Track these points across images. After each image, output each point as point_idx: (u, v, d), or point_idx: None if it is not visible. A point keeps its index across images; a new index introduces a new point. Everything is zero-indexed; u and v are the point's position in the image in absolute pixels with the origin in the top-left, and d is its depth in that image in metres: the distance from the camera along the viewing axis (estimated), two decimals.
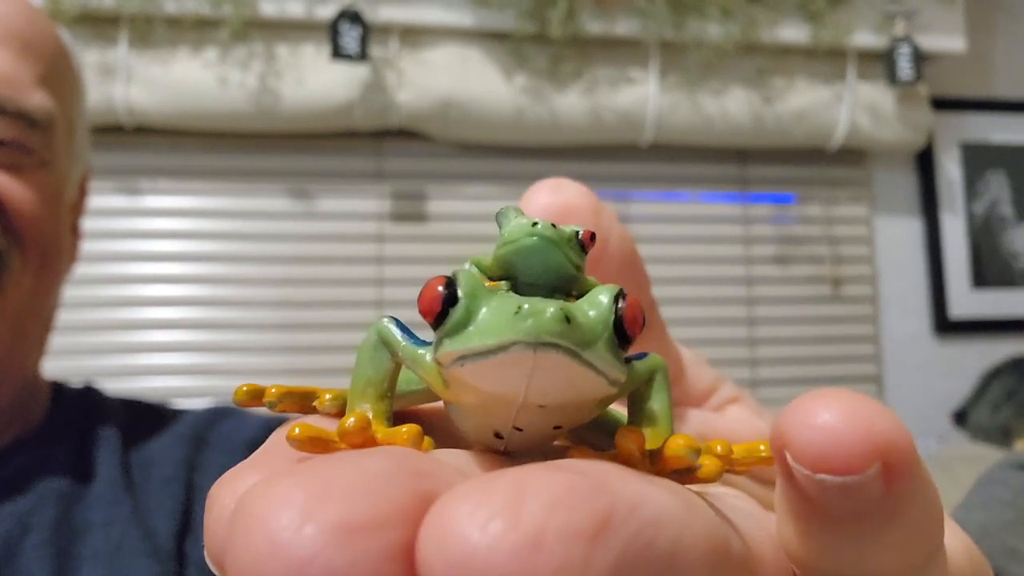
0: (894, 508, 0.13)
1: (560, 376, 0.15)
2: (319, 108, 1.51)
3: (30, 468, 0.55)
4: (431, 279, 0.16)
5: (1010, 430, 1.51)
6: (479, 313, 0.15)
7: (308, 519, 0.11)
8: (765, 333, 1.73)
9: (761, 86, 1.65)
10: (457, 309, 0.15)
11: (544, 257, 0.17)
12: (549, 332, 0.14)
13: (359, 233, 1.62)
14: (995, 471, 0.80)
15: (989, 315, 1.82)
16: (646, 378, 0.18)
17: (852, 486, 0.13)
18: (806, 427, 0.13)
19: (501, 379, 0.15)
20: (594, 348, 0.15)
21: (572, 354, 0.14)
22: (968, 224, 1.83)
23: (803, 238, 1.77)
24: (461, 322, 0.15)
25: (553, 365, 0.14)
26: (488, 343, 0.14)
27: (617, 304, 0.16)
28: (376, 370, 0.18)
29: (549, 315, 0.14)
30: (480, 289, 0.16)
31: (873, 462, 0.13)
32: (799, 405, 0.13)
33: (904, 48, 1.62)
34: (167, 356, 1.54)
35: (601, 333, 0.15)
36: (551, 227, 0.17)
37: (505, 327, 0.14)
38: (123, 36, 1.46)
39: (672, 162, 1.72)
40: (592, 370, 0.15)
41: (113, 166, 1.55)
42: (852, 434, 0.13)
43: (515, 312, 0.14)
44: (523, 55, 1.56)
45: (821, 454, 0.13)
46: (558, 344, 0.14)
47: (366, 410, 0.17)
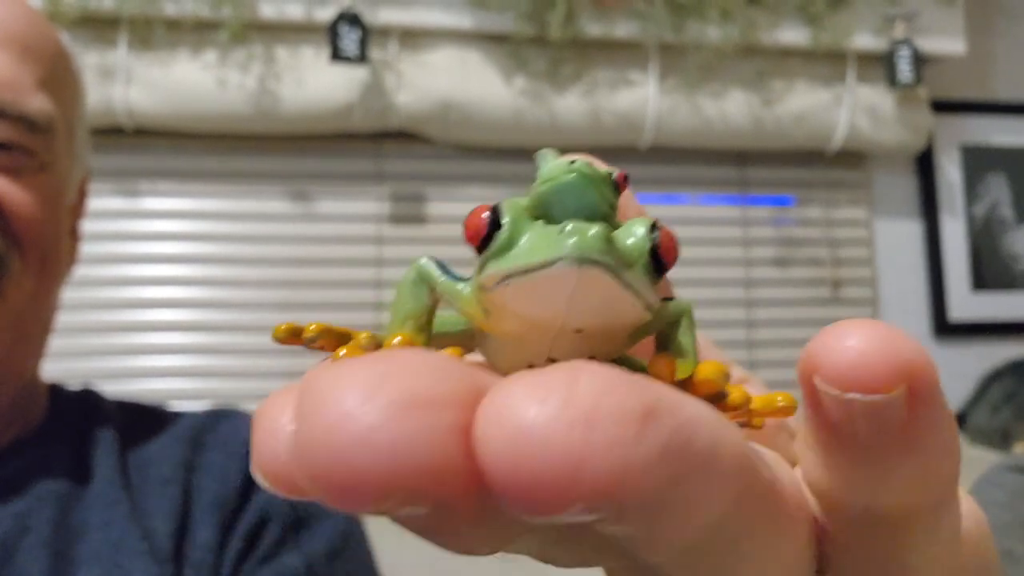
0: (916, 434, 0.14)
1: (600, 295, 0.15)
2: (318, 110, 1.51)
3: (28, 469, 0.55)
4: (475, 208, 0.17)
5: (1009, 433, 1.51)
6: (523, 236, 0.16)
7: (374, 394, 0.11)
8: (764, 335, 1.73)
9: (761, 88, 1.65)
10: (502, 232, 0.16)
11: (581, 194, 0.17)
12: (593, 249, 0.15)
13: (358, 235, 1.62)
14: (991, 474, 0.80)
15: (989, 318, 1.82)
16: (674, 319, 0.18)
17: (879, 406, 0.13)
18: (836, 349, 0.14)
19: (543, 298, 0.15)
20: (633, 270, 0.16)
21: (613, 273, 0.15)
22: (968, 227, 1.83)
23: (803, 240, 1.77)
24: (506, 244, 0.16)
25: (595, 283, 0.15)
26: (533, 260, 0.15)
27: (652, 233, 0.17)
28: (416, 304, 0.18)
29: (592, 234, 0.15)
30: (523, 215, 0.16)
31: (899, 383, 0.13)
32: (829, 331, 0.14)
33: (904, 50, 1.62)
34: (166, 358, 1.54)
35: (638, 259, 0.16)
36: (588, 165, 0.17)
37: (550, 245, 0.15)
38: (123, 38, 1.46)
39: (671, 164, 1.72)
40: (630, 291, 0.15)
41: (112, 168, 1.55)
42: (881, 355, 0.13)
43: (559, 232, 0.15)
44: (522, 57, 1.56)
45: (851, 373, 0.13)
46: (600, 262, 0.15)
47: None
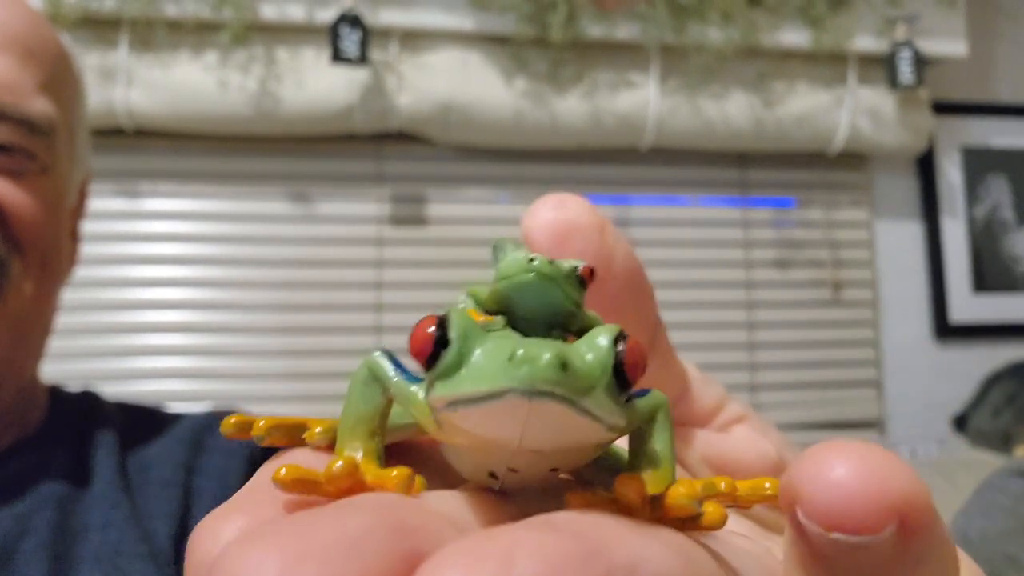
0: (907, 567, 0.13)
1: (556, 424, 0.14)
2: (319, 111, 1.51)
3: (28, 471, 0.55)
4: (422, 319, 0.15)
5: (1010, 435, 1.51)
6: (472, 356, 0.15)
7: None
8: (765, 337, 1.73)
9: (762, 90, 1.65)
10: (449, 352, 0.15)
11: (541, 294, 0.16)
12: (545, 380, 0.14)
13: (358, 236, 1.62)
14: (995, 478, 0.80)
15: (990, 320, 1.82)
16: (648, 417, 0.17)
17: (866, 546, 0.12)
18: (819, 483, 0.13)
19: (495, 426, 0.14)
20: (592, 395, 0.14)
21: (569, 402, 0.14)
22: (969, 228, 1.83)
23: (803, 242, 1.77)
24: (453, 365, 0.15)
25: (549, 414, 0.14)
26: (481, 389, 0.14)
27: (617, 347, 0.15)
28: (367, 406, 0.17)
29: (545, 362, 0.14)
30: (473, 330, 0.15)
31: (890, 522, 0.12)
32: (811, 458, 0.13)
33: (905, 52, 1.62)
34: (166, 359, 1.54)
35: (600, 378, 0.15)
36: (548, 264, 0.16)
37: (499, 373, 0.14)
38: (124, 39, 1.46)
39: (672, 166, 1.72)
40: (589, 417, 0.14)
41: (113, 169, 1.55)
42: (868, 493, 0.12)
43: (509, 357, 0.14)
44: (523, 59, 1.56)
45: (835, 512, 0.12)
46: (553, 393, 0.14)
47: (356, 449, 0.17)
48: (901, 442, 1.75)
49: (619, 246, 0.21)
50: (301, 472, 0.15)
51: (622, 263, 0.21)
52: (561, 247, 0.20)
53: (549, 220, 0.21)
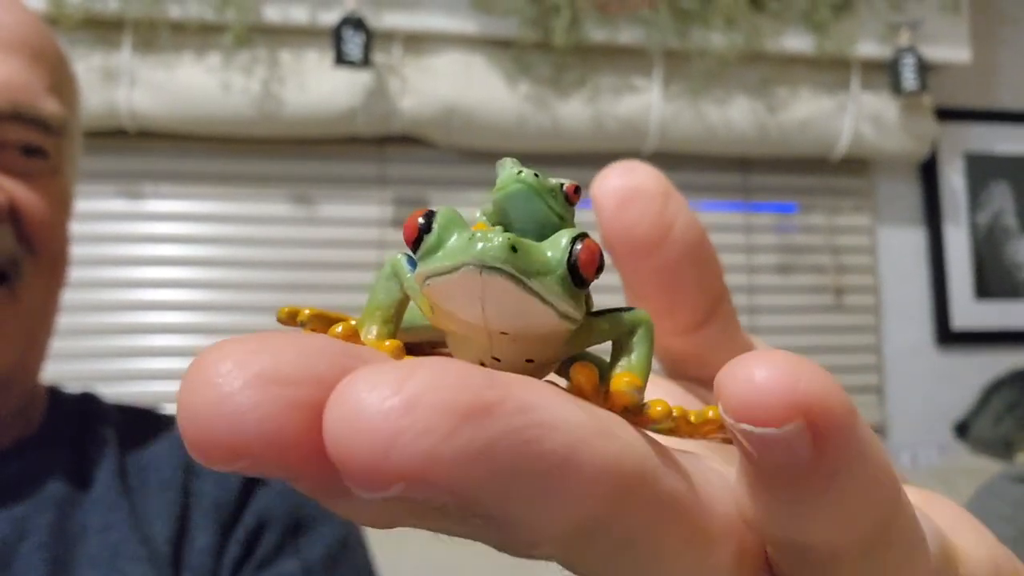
0: (827, 472, 0.13)
1: (507, 300, 0.16)
2: (322, 114, 1.51)
3: (27, 473, 0.55)
4: (416, 211, 0.17)
5: (1012, 442, 1.51)
6: (447, 242, 0.17)
7: (237, 368, 0.13)
8: (767, 342, 1.72)
9: (765, 95, 1.65)
10: (429, 236, 0.17)
11: (527, 204, 0.18)
12: (493, 257, 0.15)
13: (361, 239, 1.62)
14: (993, 484, 0.80)
15: (992, 326, 1.82)
16: (628, 329, 0.18)
17: (773, 440, 0.13)
18: (735, 379, 0.13)
19: (458, 299, 0.16)
20: (542, 279, 0.16)
21: (515, 280, 0.16)
22: (971, 235, 1.83)
23: (805, 247, 1.77)
24: (431, 248, 0.17)
25: (499, 288, 0.16)
26: (445, 264, 0.16)
27: (575, 245, 0.17)
28: (386, 296, 0.19)
29: (496, 242, 0.16)
30: (455, 222, 0.17)
31: (793, 417, 0.13)
32: (736, 361, 0.14)
33: (908, 58, 1.62)
34: (167, 360, 1.54)
35: (555, 269, 0.17)
36: (534, 176, 0.18)
37: (461, 251, 0.16)
38: (127, 41, 1.46)
39: (675, 170, 1.72)
40: (538, 299, 0.16)
41: (115, 170, 1.55)
42: (774, 387, 0.13)
43: (469, 239, 0.16)
44: (526, 63, 1.56)
45: (742, 403, 0.13)
46: (501, 268, 0.15)
47: (370, 330, 0.19)
48: (902, 448, 1.75)
49: (681, 214, 0.22)
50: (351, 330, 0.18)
51: (682, 230, 0.22)
52: (623, 210, 0.22)
53: (615, 186, 0.22)
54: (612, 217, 0.22)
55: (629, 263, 0.22)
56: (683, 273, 0.22)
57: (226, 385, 0.13)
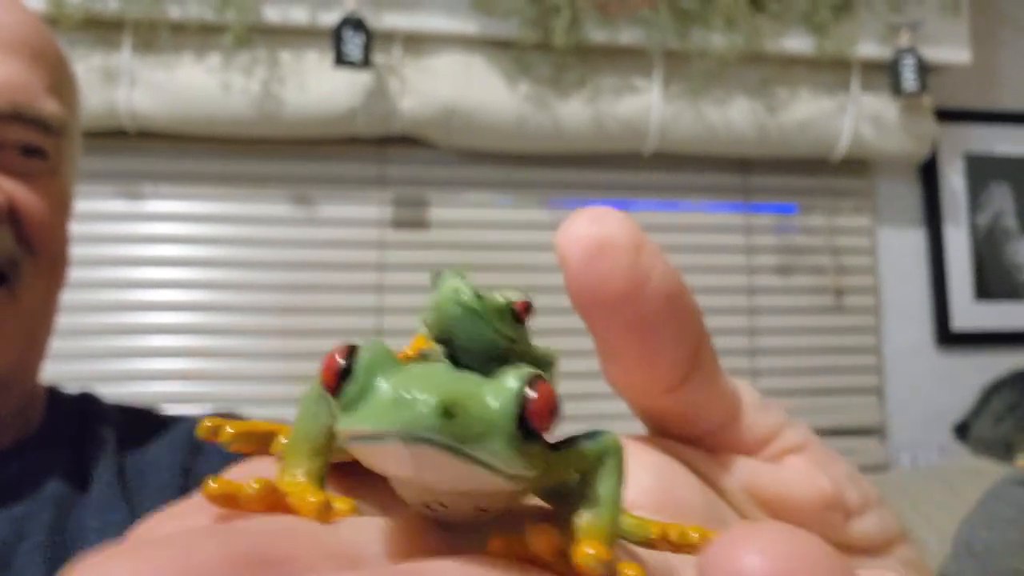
0: None
1: (443, 470, 0.14)
2: (322, 114, 1.51)
3: (26, 473, 0.55)
4: (336, 347, 0.15)
5: (1012, 444, 1.51)
6: (373, 390, 0.14)
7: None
8: (766, 343, 1.73)
9: (765, 96, 1.65)
10: (350, 384, 0.15)
11: (469, 328, 0.16)
12: (424, 427, 0.13)
13: (360, 239, 1.62)
14: (998, 488, 0.79)
15: (991, 327, 1.82)
16: (594, 463, 0.16)
17: None
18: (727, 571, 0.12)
19: (388, 465, 0.14)
20: (484, 442, 0.14)
21: (451, 450, 0.13)
22: (971, 236, 1.83)
23: (805, 248, 1.77)
24: (353, 399, 0.14)
25: (431, 460, 0.13)
26: (366, 429, 0.14)
27: (525, 393, 0.15)
28: (314, 423, 0.17)
29: (426, 409, 0.13)
30: (381, 363, 0.15)
31: None
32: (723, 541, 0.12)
33: (908, 59, 1.62)
34: (167, 361, 1.54)
35: (500, 426, 0.14)
36: (477, 298, 0.16)
37: (383, 414, 0.14)
38: (127, 41, 1.46)
39: (675, 171, 1.72)
40: (480, 466, 0.14)
41: (115, 170, 1.55)
42: None
43: (394, 400, 0.14)
44: (526, 63, 1.56)
45: None
46: (431, 440, 0.13)
47: (297, 467, 0.17)
48: (902, 449, 1.75)
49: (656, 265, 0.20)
50: (229, 487, 0.15)
51: (658, 284, 0.20)
52: (592, 264, 0.19)
53: (582, 236, 0.19)
54: (580, 271, 0.19)
55: (600, 320, 0.20)
56: (660, 328, 0.20)
57: None
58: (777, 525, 0.12)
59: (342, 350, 0.15)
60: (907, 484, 1.43)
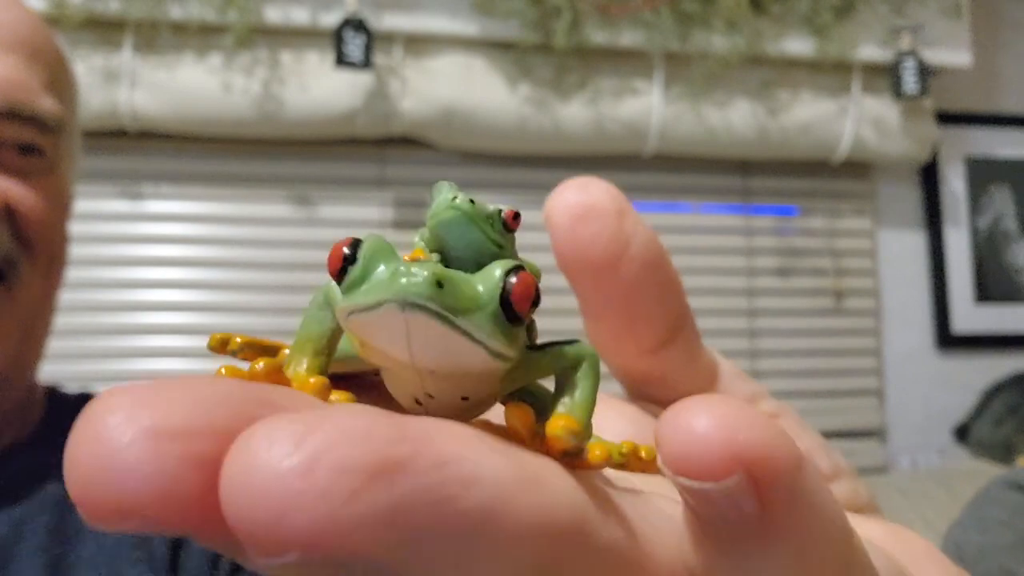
0: (773, 526, 0.13)
1: (433, 339, 0.15)
2: (322, 115, 1.51)
3: (25, 474, 0.55)
4: (341, 240, 0.16)
5: (1012, 446, 1.51)
6: (374, 272, 0.15)
7: (127, 420, 0.12)
8: (767, 345, 1.73)
9: (766, 98, 1.65)
10: (354, 268, 0.16)
11: (462, 232, 0.18)
12: (416, 294, 0.14)
13: None
14: (990, 490, 0.79)
15: (992, 330, 1.82)
16: (572, 364, 0.17)
17: (713, 495, 0.12)
18: (673, 430, 0.13)
19: (382, 337, 0.15)
20: (471, 316, 0.15)
21: (441, 318, 0.14)
22: (972, 238, 1.83)
23: (806, 250, 1.77)
24: (356, 281, 0.16)
25: (423, 327, 0.15)
26: (367, 300, 0.15)
27: (509, 278, 0.16)
28: (318, 327, 0.18)
29: (420, 278, 0.14)
30: (381, 252, 0.16)
31: (732, 470, 0.12)
32: (673, 408, 0.13)
33: (909, 62, 1.62)
34: (167, 361, 1.54)
35: (485, 304, 0.15)
36: (469, 202, 0.18)
37: (381, 287, 0.15)
38: (128, 41, 1.46)
39: (675, 173, 1.72)
40: (467, 338, 0.15)
41: (116, 170, 1.55)
42: (713, 439, 0.12)
43: (392, 273, 0.15)
44: (527, 65, 1.56)
45: (681, 457, 0.12)
46: (423, 306, 0.14)
47: (300, 363, 0.18)
48: (902, 451, 1.75)
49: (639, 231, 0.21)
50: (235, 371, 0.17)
51: (640, 249, 0.21)
52: (577, 228, 0.20)
53: (569, 203, 0.21)
54: (566, 236, 0.20)
55: (585, 283, 0.21)
56: (642, 292, 0.21)
57: (114, 440, 0.11)
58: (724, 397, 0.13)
59: (347, 241, 0.16)
60: (907, 486, 1.43)
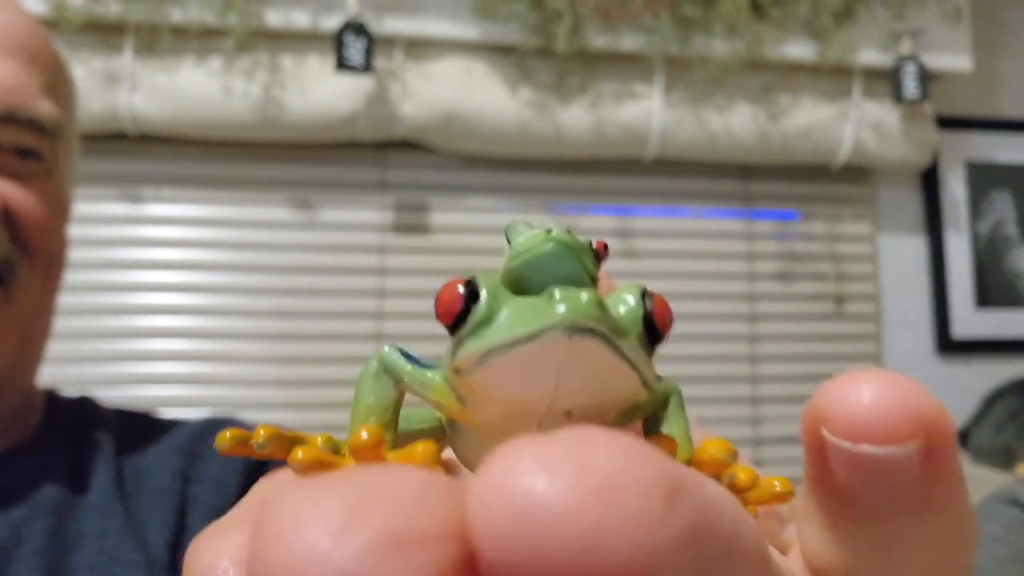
0: (932, 495, 0.13)
1: (594, 367, 0.14)
2: (323, 119, 1.51)
3: (24, 477, 0.55)
4: (449, 281, 0.15)
5: (1013, 452, 1.51)
6: (503, 310, 0.14)
7: (351, 527, 0.10)
8: (767, 350, 1.72)
9: (766, 103, 1.65)
10: (480, 306, 0.14)
11: (561, 265, 0.16)
12: (586, 316, 0.13)
13: (361, 244, 1.62)
14: (985, 505, 0.79)
15: (992, 335, 1.81)
16: (661, 401, 0.17)
17: (893, 461, 0.13)
18: (848, 398, 0.13)
19: (530, 376, 0.14)
20: (628, 340, 0.14)
21: (608, 342, 0.14)
22: (972, 243, 1.83)
23: (806, 255, 1.77)
24: (485, 319, 0.14)
25: (588, 353, 0.14)
26: (518, 332, 0.14)
27: (644, 301, 0.15)
28: (379, 398, 0.17)
29: (585, 299, 0.13)
30: (502, 289, 0.15)
31: (916, 435, 0.12)
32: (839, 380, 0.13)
33: (910, 66, 1.62)
34: (166, 364, 1.53)
35: (632, 328, 0.15)
36: (567, 233, 0.16)
37: (537, 315, 0.14)
38: (128, 44, 1.47)
39: (676, 177, 1.72)
40: (627, 364, 0.14)
41: (116, 173, 1.55)
42: (897, 404, 0.13)
43: (547, 300, 0.14)
44: (528, 69, 1.56)
45: (863, 423, 0.13)
46: (595, 329, 0.13)
47: None
48: None
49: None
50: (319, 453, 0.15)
51: None
52: None
53: None
54: None
55: None
56: None
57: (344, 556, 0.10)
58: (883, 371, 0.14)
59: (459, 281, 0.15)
60: None
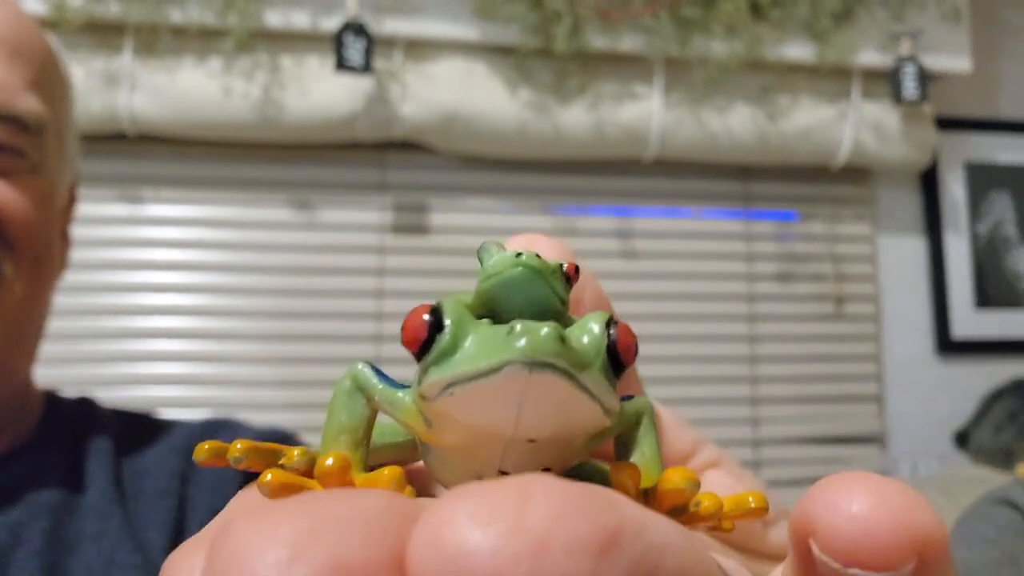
0: None
1: (554, 401, 0.14)
2: (322, 119, 1.51)
3: (22, 479, 0.55)
4: (415, 308, 0.15)
5: (1012, 452, 1.50)
6: (467, 340, 0.14)
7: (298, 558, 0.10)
8: (767, 351, 1.72)
9: (765, 103, 1.65)
10: (444, 336, 0.14)
11: (530, 289, 0.16)
12: (544, 351, 0.13)
13: (360, 245, 1.62)
14: (979, 506, 0.79)
15: (992, 336, 1.81)
16: (632, 420, 0.17)
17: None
18: (839, 516, 0.12)
19: (491, 407, 0.14)
20: (589, 372, 0.14)
21: (568, 376, 0.14)
22: (972, 244, 1.83)
23: (806, 256, 1.77)
24: (448, 349, 0.14)
25: (548, 387, 0.13)
26: (479, 366, 0.14)
27: (609, 330, 0.15)
28: (351, 417, 0.17)
29: (544, 334, 0.13)
30: (467, 316, 0.15)
31: (911, 558, 0.12)
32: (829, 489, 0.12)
33: (909, 67, 1.62)
34: (166, 365, 1.53)
35: (594, 359, 0.15)
36: (536, 257, 0.16)
37: (497, 348, 0.14)
38: (128, 44, 1.46)
39: (675, 178, 1.72)
40: (587, 395, 0.14)
41: (115, 174, 1.55)
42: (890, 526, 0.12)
43: (507, 333, 0.14)
44: (527, 69, 1.56)
45: (855, 546, 0.12)
46: (553, 364, 0.13)
47: None
48: (902, 458, 1.74)
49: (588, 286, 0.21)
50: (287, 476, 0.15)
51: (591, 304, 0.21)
52: None
53: None
54: None
55: None
56: None
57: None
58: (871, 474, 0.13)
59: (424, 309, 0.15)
60: None
